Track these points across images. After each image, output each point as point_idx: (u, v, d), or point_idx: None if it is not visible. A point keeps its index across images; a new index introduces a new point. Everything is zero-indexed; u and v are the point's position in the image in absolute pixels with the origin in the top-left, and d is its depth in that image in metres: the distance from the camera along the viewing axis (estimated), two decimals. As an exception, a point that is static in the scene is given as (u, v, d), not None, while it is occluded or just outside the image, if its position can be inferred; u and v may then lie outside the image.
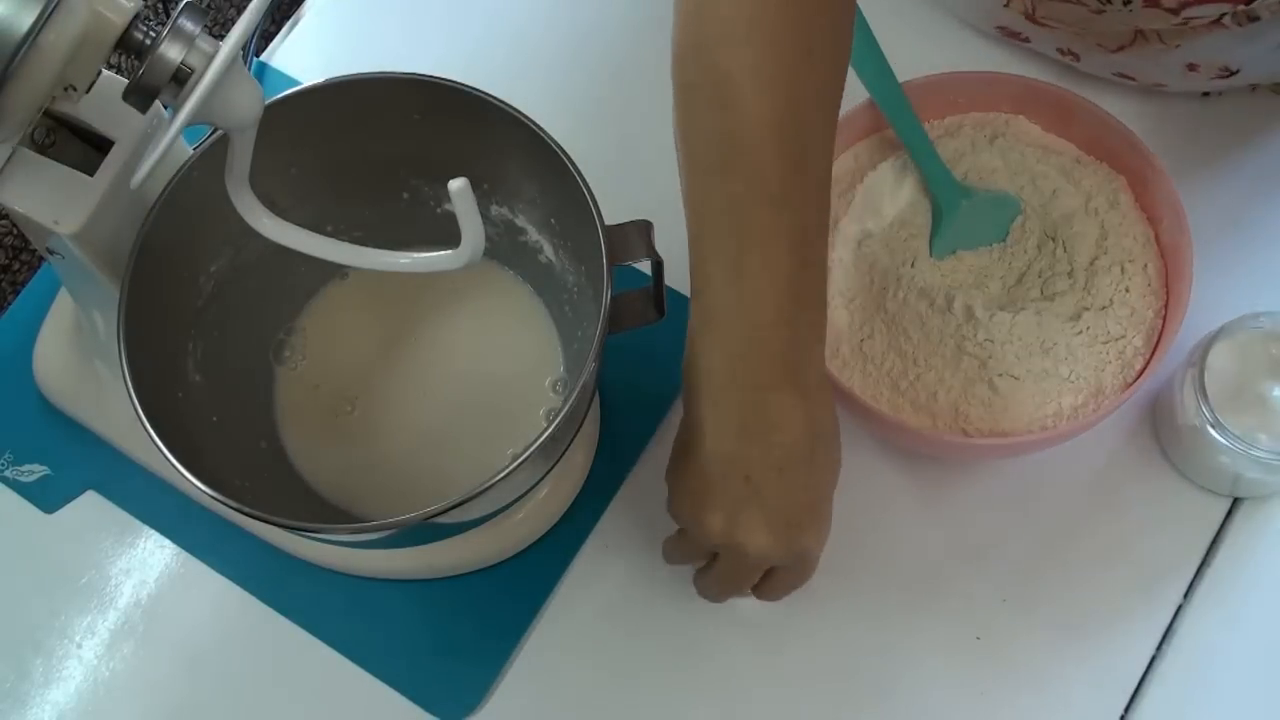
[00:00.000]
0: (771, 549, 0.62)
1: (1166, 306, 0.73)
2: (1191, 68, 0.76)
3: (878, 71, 0.74)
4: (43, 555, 0.79)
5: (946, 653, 0.74)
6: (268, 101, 0.59)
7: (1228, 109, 0.82)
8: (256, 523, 0.64)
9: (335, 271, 0.79)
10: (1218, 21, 0.70)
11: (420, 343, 0.79)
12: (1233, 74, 0.76)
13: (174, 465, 0.62)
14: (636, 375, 0.78)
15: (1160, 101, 0.82)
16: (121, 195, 0.64)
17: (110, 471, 0.79)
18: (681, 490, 0.64)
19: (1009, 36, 0.83)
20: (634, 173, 0.82)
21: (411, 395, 0.78)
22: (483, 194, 0.73)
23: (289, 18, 0.91)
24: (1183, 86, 0.79)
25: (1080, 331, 0.72)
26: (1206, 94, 0.81)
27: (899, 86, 0.75)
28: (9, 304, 0.85)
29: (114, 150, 0.64)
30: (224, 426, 0.72)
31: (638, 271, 0.76)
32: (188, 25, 0.55)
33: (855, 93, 0.75)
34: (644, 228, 0.66)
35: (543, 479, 0.69)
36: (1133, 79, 0.80)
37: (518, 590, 0.76)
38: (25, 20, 0.53)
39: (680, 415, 0.77)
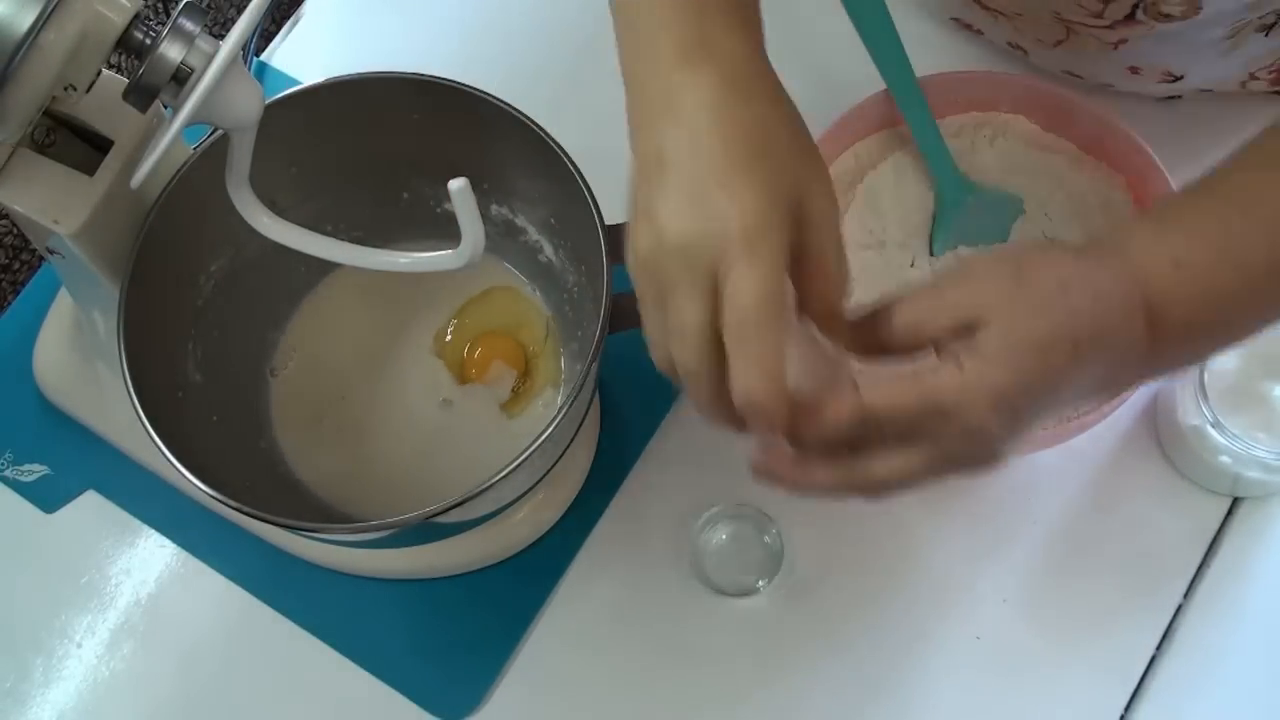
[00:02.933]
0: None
1: (1166, 306, 0.73)
2: (1134, 70, 0.76)
3: (893, 58, 0.74)
4: (43, 555, 0.79)
5: (946, 653, 0.74)
6: (268, 101, 0.59)
7: (1228, 109, 0.82)
8: (256, 523, 0.64)
9: (334, 271, 0.79)
10: (1131, 17, 0.69)
11: (420, 342, 0.79)
12: (1177, 79, 0.76)
13: (174, 465, 0.62)
14: (636, 375, 0.78)
15: (1158, 102, 0.82)
16: (121, 195, 0.64)
17: (110, 471, 0.79)
18: None
19: (964, 28, 0.83)
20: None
21: (411, 394, 0.78)
22: (483, 194, 0.73)
23: (289, 18, 0.91)
24: (1131, 87, 0.78)
25: (1080, 331, 0.72)
26: (1171, 98, 0.81)
27: (913, 74, 0.74)
28: (9, 304, 0.85)
29: (114, 150, 0.64)
30: (224, 426, 0.72)
31: (638, 271, 0.76)
32: (188, 25, 0.55)
33: (861, 88, 0.76)
34: (644, 227, 0.65)
35: (543, 478, 0.69)
36: (1080, 77, 0.79)
37: (517, 590, 0.76)
38: (25, 20, 0.53)
39: (677, 416, 0.77)
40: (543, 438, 0.61)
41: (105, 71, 0.61)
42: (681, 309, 0.50)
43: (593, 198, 0.65)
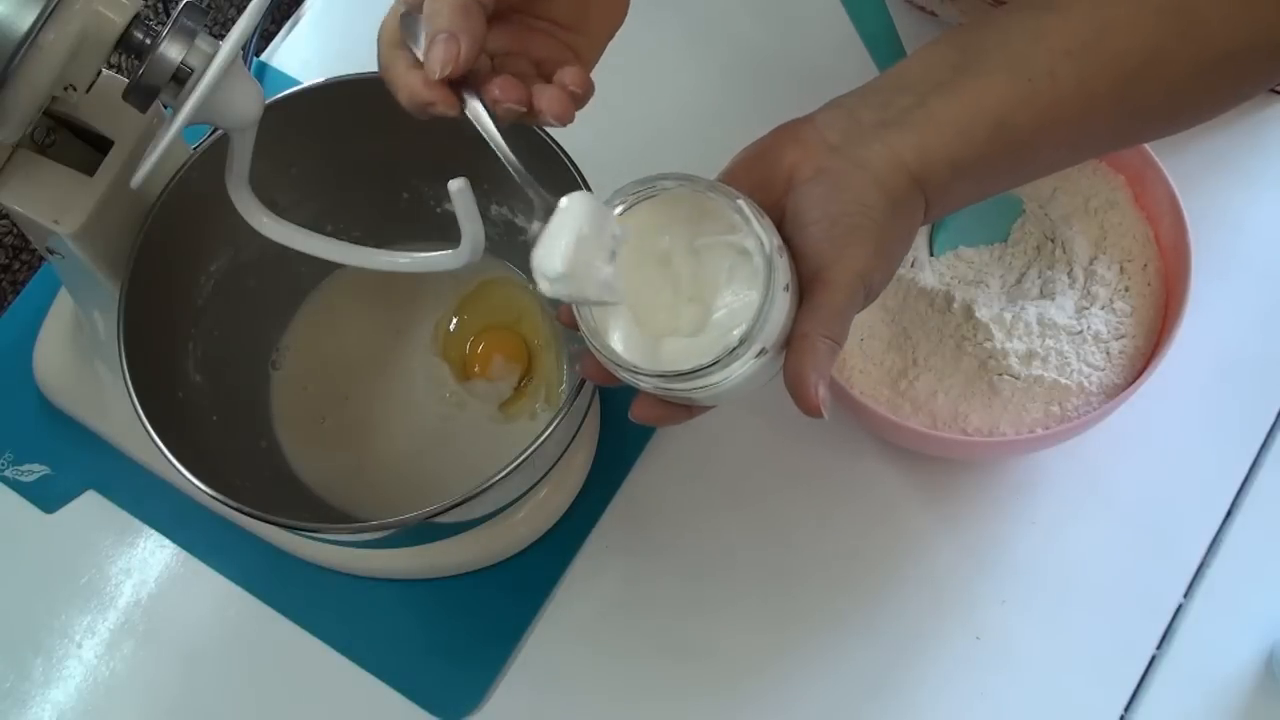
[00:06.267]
0: None
1: (1166, 306, 0.73)
2: None
3: (893, 59, 0.74)
4: (43, 555, 0.79)
5: (946, 653, 0.74)
6: (268, 101, 0.59)
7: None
8: (256, 523, 0.64)
9: (334, 271, 0.79)
10: None
11: (420, 341, 0.79)
12: None
13: (174, 465, 0.62)
14: (636, 375, 0.78)
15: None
16: (121, 195, 0.64)
17: (110, 471, 0.79)
18: None
19: (918, 9, 0.83)
20: (634, 173, 0.82)
21: (411, 394, 0.78)
22: (483, 194, 0.73)
23: (289, 18, 0.91)
24: None
25: (1080, 331, 0.72)
26: None
27: None
28: (9, 304, 0.85)
29: (114, 150, 0.64)
30: (224, 426, 0.72)
31: (638, 271, 0.76)
32: (188, 25, 0.55)
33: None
34: (644, 227, 0.65)
35: (543, 478, 0.69)
36: None
37: (518, 590, 0.76)
38: (25, 20, 0.53)
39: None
40: (543, 438, 0.61)
41: (105, 71, 0.61)
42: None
43: (593, 198, 0.65)
